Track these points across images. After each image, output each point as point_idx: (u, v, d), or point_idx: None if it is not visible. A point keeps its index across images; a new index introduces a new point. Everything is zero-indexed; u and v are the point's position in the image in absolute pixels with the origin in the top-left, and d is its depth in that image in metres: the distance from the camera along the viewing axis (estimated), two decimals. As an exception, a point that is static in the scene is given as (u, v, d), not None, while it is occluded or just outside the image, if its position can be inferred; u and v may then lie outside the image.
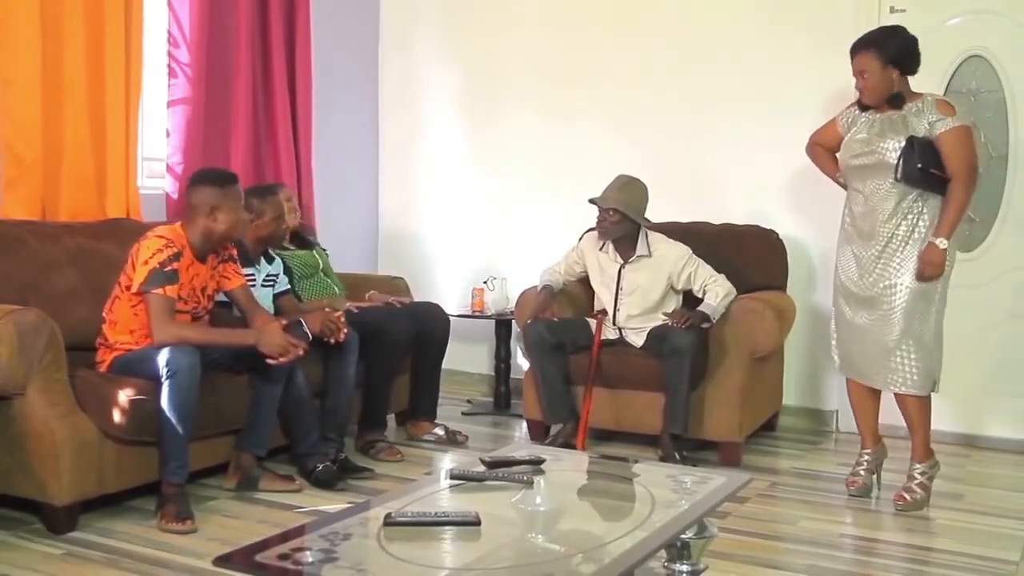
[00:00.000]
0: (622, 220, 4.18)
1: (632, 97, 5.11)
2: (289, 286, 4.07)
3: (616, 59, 5.15)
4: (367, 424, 4.14)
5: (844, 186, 3.73)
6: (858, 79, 3.51)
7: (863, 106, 3.59)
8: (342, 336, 3.75)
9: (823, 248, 4.73)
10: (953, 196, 3.39)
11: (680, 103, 5.00)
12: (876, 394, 3.69)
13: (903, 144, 3.41)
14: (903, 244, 3.45)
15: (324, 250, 4.52)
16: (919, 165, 3.36)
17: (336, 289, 4.37)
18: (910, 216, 3.45)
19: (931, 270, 3.40)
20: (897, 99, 3.48)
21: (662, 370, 4.01)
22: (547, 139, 5.35)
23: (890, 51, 3.44)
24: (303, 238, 4.46)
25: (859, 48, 3.51)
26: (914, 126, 3.43)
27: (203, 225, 3.36)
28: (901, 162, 3.40)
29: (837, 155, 3.70)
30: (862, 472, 3.70)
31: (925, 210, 3.44)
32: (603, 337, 4.25)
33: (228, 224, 3.39)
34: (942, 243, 3.38)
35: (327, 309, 3.83)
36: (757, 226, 4.65)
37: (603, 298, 4.35)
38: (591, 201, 4.24)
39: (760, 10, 4.82)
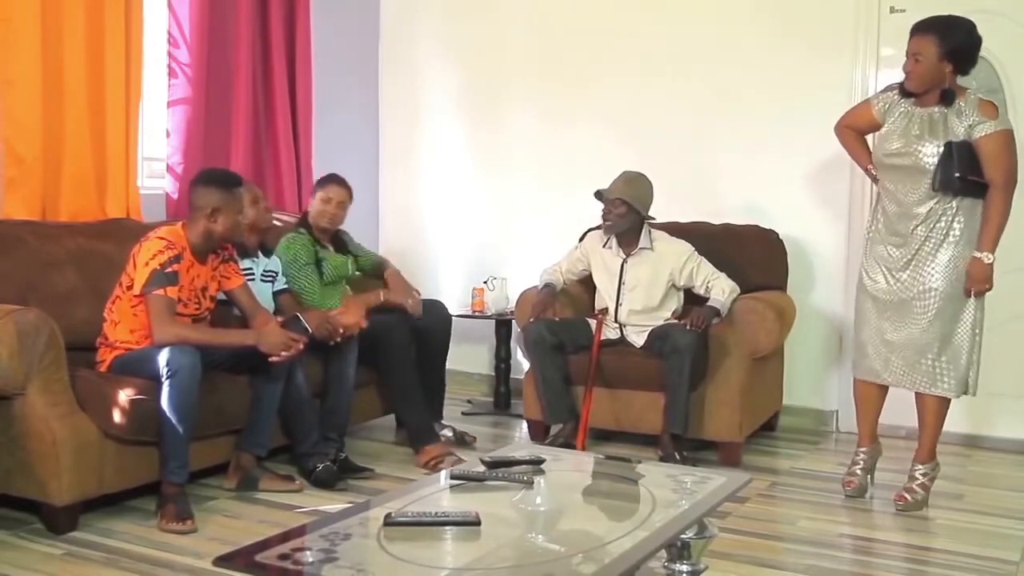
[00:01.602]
0: (628, 212, 4.18)
1: (632, 97, 5.11)
2: (287, 284, 4.06)
3: (616, 59, 5.15)
4: (419, 439, 4.01)
5: (874, 178, 3.64)
6: (909, 61, 3.34)
7: (905, 92, 3.43)
8: (339, 338, 3.76)
9: (823, 248, 4.74)
10: (993, 206, 3.29)
11: (680, 103, 5.00)
12: (883, 395, 3.66)
13: (941, 149, 3.29)
14: (937, 247, 3.37)
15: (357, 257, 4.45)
16: (957, 175, 3.25)
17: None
18: (944, 219, 3.35)
19: (978, 286, 3.34)
20: (949, 96, 3.31)
21: (662, 370, 4.01)
22: (547, 139, 5.35)
23: (951, 42, 3.28)
24: (340, 240, 4.40)
25: (921, 29, 3.33)
26: (954, 128, 3.31)
27: (203, 226, 3.37)
28: (939, 171, 3.29)
29: (872, 148, 3.59)
30: (858, 472, 3.69)
31: (960, 212, 3.34)
32: (604, 336, 4.25)
33: (226, 227, 3.39)
34: (988, 257, 3.31)
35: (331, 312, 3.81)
36: (757, 226, 4.64)
37: (606, 294, 4.35)
38: (597, 193, 4.24)
39: (760, 10, 4.82)
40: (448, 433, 4.31)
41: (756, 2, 4.84)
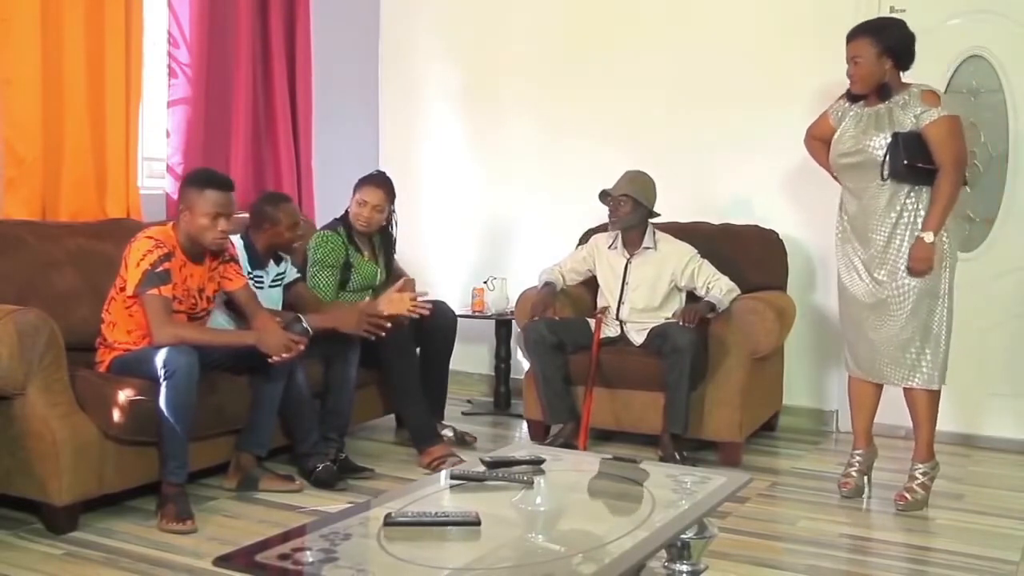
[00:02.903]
0: (634, 208, 4.21)
1: (632, 97, 5.11)
2: (299, 274, 4.05)
3: (616, 60, 5.15)
4: (422, 440, 3.98)
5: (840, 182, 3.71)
6: (850, 65, 3.49)
7: (853, 97, 3.56)
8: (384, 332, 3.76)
9: (823, 248, 4.72)
10: (940, 188, 3.36)
11: (680, 103, 5.00)
12: (877, 394, 3.68)
13: (888, 140, 3.39)
14: (908, 243, 3.42)
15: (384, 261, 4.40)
16: (904, 161, 3.34)
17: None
18: (905, 214, 3.42)
19: (919, 265, 3.38)
20: (884, 91, 3.46)
21: (662, 369, 4.01)
22: (547, 139, 5.35)
23: (887, 40, 3.42)
24: (384, 242, 4.35)
25: (856, 34, 3.49)
26: (900, 120, 3.41)
27: (181, 225, 3.35)
28: (887, 160, 3.38)
29: (829, 152, 3.67)
30: (854, 474, 3.69)
31: (920, 207, 3.41)
32: (604, 335, 4.26)
33: (194, 227, 3.30)
34: (928, 237, 3.36)
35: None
36: (757, 226, 4.65)
37: (608, 292, 4.37)
38: (602, 194, 4.26)
39: (760, 10, 4.82)
40: (449, 433, 4.30)
41: (757, 3, 4.84)
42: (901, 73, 3.48)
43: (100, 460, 3.14)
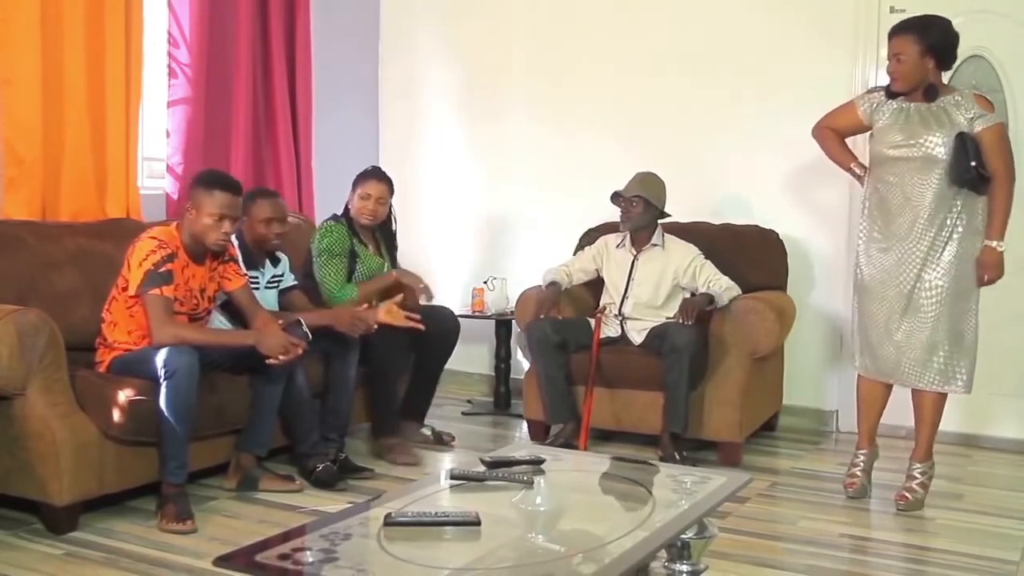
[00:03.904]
0: (646, 208, 4.24)
1: (632, 97, 5.11)
2: (296, 281, 4.05)
3: (616, 60, 5.15)
4: (381, 428, 4.11)
5: (859, 177, 3.65)
6: (892, 62, 3.42)
7: (891, 93, 3.49)
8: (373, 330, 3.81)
9: (823, 248, 4.74)
10: (1000, 196, 3.35)
11: (680, 103, 5.00)
12: (887, 395, 3.65)
13: (950, 139, 3.33)
14: (945, 245, 3.40)
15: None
16: (973, 163, 3.29)
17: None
18: (951, 215, 3.38)
19: (993, 273, 3.38)
20: (931, 91, 3.40)
21: (662, 369, 4.02)
22: (547, 139, 5.35)
23: (930, 38, 3.36)
24: (386, 237, 4.38)
25: (899, 31, 3.42)
26: (956, 120, 3.35)
27: (185, 224, 3.36)
28: (954, 162, 3.32)
29: (870, 144, 3.59)
30: (859, 474, 3.68)
31: (963, 209, 3.38)
32: (604, 335, 4.26)
33: (198, 227, 3.32)
34: (1000, 245, 3.36)
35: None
36: (757, 226, 4.65)
37: (613, 289, 4.39)
38: (615, 194, 4.29)
39: (760, 10, 4.82)
40: (427, 432, 4.32)
41: (756, 3, 4.84)
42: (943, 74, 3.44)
43: (100, 460, 3.14)
